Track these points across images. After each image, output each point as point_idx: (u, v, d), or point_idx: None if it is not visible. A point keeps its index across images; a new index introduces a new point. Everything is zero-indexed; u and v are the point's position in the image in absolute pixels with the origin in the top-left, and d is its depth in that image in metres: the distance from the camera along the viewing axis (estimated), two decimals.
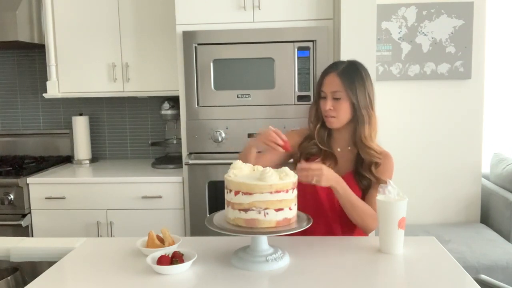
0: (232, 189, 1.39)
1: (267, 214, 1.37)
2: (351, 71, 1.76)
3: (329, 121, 1.77)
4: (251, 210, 1.36)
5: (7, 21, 2.85)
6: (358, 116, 1.75)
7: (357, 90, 1.72)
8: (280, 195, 1.38)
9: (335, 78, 1.74)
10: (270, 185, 1.36)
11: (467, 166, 3.19)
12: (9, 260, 1.65)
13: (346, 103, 1.73)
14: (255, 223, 1.37)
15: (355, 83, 1.73)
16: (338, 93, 1.73)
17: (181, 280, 1.35)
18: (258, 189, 1.36)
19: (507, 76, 3.54)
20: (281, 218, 1.39)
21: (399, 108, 3.17)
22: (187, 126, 2.72)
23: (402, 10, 3.07)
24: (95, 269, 1.46)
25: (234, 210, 1.40)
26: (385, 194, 1.51)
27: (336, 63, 1.83)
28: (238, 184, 1.38)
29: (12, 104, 3.50)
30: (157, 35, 2.98)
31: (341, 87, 1.72)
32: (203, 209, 2.72)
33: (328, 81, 1.76)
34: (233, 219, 1.41)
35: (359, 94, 1.72)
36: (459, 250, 2.66)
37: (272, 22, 2.65)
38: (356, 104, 1.73)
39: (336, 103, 1.74)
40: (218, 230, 1.41)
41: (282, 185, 1.38)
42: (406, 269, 1.46)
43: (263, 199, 1.36)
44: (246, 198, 1.36)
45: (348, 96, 1.72)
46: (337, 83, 1.73)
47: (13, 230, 2.79)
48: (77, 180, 2.89)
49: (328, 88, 1.75)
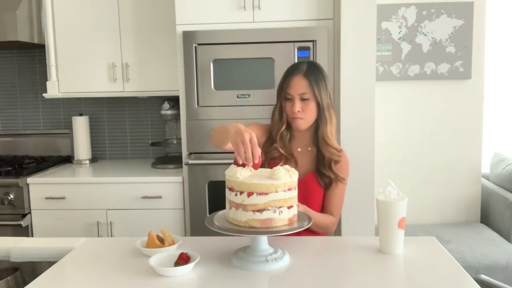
0: (245, 191, 1.38)
1: (281, 213, 1.39)
2: (314, 71, 1.78)
3: (297, 123, 1.77)
4: (267, 210, 1.37)
5: (7, 21, 2.85)
6: (321, 117, 1.77)
7: (321, 89, 1.75)
8: (291, 192, 1.42)
9: (302, 79, 1.75)
10: (284, 183, 1.39)
11: (467, 166, 3.19)
12: (9, 260, 1.65)
13: (313, 103, 1.75)
14: (271, 222, 1.38)
15: (319, 83, 1.75)
16: (306, 94, 1.74)
17: (181, 280, 1.35)
18: (274, 188, 1.37)
19: (507, 76, 3.54)
20: (292, 215, 1.43)
21: (399, 108, 3.17)
22: (187, 126, 2.72)
23: (402, 10, 3.08)
24: (95, 269, 1.46)
25: (247, 212, 1.38)
26: (385, 194, 1.51)
27: (297, 64, 1.83)
28: (253, 185, 1.37)
29: (12, 104, 3.50)
30: (157, 35, 2.98)
31: (308, 88, 1.74)
32: (203, 209, 2.72)
33: (295, 83, 1.76)
34: (245, 221, 1.39)
35: (322, 94, 1.75)
36: (459, 250, 2.66)
37: (272, 22, 2.65)
38: (320, 104, 1.75)
39: (304, 104, 1.75)
40: (218, 230, 1.41)
41: (292, 183, 1.42)
42: (406, 269, 1.46)
43: (278, 198, 1.38)
44: (262, 198, 1.37)
45: (315, 96, 1.74)
46: (304, 85, 1.74)
47: (13, 230, 2.79)
48: (77, 180, 2.89)
49: (296, 90, 1.75)
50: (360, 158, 2.54)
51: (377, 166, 2.65)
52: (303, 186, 1.66)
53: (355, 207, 2.52)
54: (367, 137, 2.59)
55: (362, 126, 2.59)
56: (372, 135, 2.60)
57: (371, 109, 2.58)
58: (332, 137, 1.79)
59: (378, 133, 2.82)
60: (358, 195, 2.52)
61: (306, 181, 1.77)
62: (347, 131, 2.58)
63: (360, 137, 2.58)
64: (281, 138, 1.81)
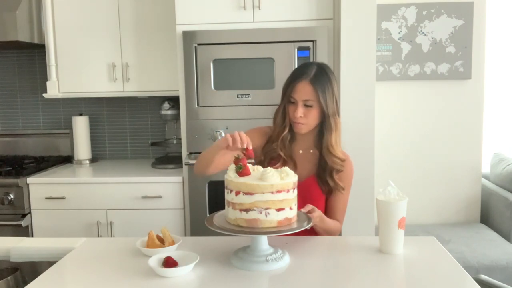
0: (233, 189, 1.39)
1: (268, 214, 1.37)
2: (322, 77, 1.72)
3: (298, 127, 1.75)
4: (252, 210, 1.37)
5: (7, 21, 2.85)
6: (326, 124, 1.73)
7: (327, 97, 1.70)
8: (281, 195, 1.38)
9: (307, 86, 1.70)
10: (271, 185, 1.37)
11: (467, 166, 3.19)
12: (9, 260, 1.65)
13: (316, 110, 1.71)
14: (257, 223, 1.37)
15: (325, 91, 1.70)
16: (310, 101, 1.70)
17: (181, 280, 1.35)
18: (260, 189, 1.36)
19: (507, 76, 3.54)
20: (282, 218, 1.40)
21: (399, 108, 3.17)
22: (187, 126, 2.72)
23: (402, 10, 3.08)
24: (95, 269, 1.46)
25: (235, 210, 1.40)
26: (385, 194, 1.51)
27: (306, 68, 1.75)
28: (239, 184, 1.38)
29: (12, 104, 3.50)
30: (157, 35, 2.98)
31: (313, 96, 1.69)
32: (203, 209, 2.72)
33: (300, 89, 1.70)
34: (234, 219, 1.41)
35: (328, 102, 1.71)
36: (459, 250, 2.66)
37: (272, 22, 2.65)
38: (326, 112, 1.71)
39: (306, 110, 1.71)
40: (218, 230, 1.41)
41: (283, 185, 1.38)
42: (406, 269, 1.46)
43: (264, 199, 1.36)
44: (247, 198, 1.37)
45: (319, 103, 1.70)
46: (309, 91, 1.69)
47: (13, 230, 2.79)
48: (77, 180, 2.89)
49: (300, 96, 1.71)
50: (360, 158, 2.53)
51: (377, 166, 2.65)
52: (304, 189, 1.66)
53: (355, 207, 2.51)
54: (367, 137, 2.59)
55: (362, 126, 2.59)
56: (372, 135, 2.59)
57: (371, 109, 2.58)
58: (336, 146, 1.75)
59: (378, 133, 2.82)
60: (358, 195, 2.51)
61: (307, 184, 1.75)
62: (347, 131, 2.56)
63: (360, 137, 2.58)
64: (282, 140, 1.78)
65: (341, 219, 1.83)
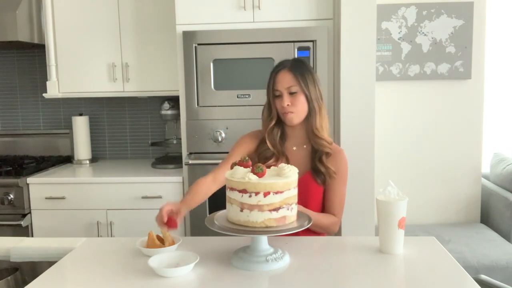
0: (260, 191, 1.37)
1: (292, 209, 1.43)
2: (299, 66, 1.80)
3: (288, 118, 1.78)
4: (282, 208, 1.39)
5: (7, 21, 2.85)
6: (310, 107, 1.78)
7: (308, 82, 1.76)
8: (297, 189, 1.46)
9: (286, 73, 1.77)
10: (294, 180, 1.43)
11: (467, 166, 3.19)
12: (9, 260, 1.65)
13: (301, 96, 1.76)
14: (285, 220, 1.41)
15: (305, 75, 1.77)
16: (293, 87, 1.76)
17: (181, 280, 1.35)
18: (287, 186, 1.40)
19: (507, 76, 3.54)
20: (297, 212, 1.47)
21: (399, 108, 3.17)
22: (187, 126, 2.72)
23: (402, 10, 3.07)
24: (95, 269, 1.46)
25: (263, 212, 1.38)
26: (385, 194, 1.51)
27: (282, 62, 1.84)
28: (269, 185, 1.37)
29: (12, 104, 3.50)
30: (157, 35, 2.98)
31: (294, 81, 1.75)
32: (203, 209, 2.72)
33: (281, 78, 1.78)
34: (261, 221, 1.38)
35: (310, 86, 1.76)
36: (459, 250, 2.66)
37: (272, 22, 2.65)
38: (308, 96, 1.76)
39: (292, 98, 1.76)
40: (218, 230, 1.41)
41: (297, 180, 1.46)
42: (406, 269, 1.46)
43: (291, 195, 1.42)
44: (278, 197, 1.38)
45: (302, 88, 1.75)
46: (290, 78, 1.76)
47: (13, 230, 2.79)
48: (77, 180, 2.89)
49: (283, 85, 1.77)
50: (360, 158, 2.54)
51: (377, 166, 2.65)
52: (301, 186, 1.65)
53: (355, 207, 2.52)
54: (367, 137, 2.59)
55: (362, 126, 2.58)
56: (372, 135, 2.59)
57: (371, 109, 2.58)
58: (321, 129, 1.79)
59: (378, 133, 2.82)
60: (358, 195, 2.52)
61: (304, 180, 1.75)
62: (347, 131, 2.58)
63: (360, 137, 2.58)
64: (270, 134, 1.81)
65: (338, 213, 1.83)
